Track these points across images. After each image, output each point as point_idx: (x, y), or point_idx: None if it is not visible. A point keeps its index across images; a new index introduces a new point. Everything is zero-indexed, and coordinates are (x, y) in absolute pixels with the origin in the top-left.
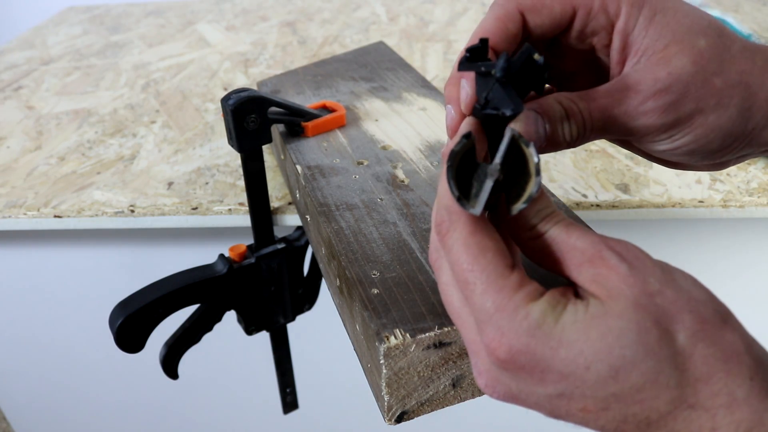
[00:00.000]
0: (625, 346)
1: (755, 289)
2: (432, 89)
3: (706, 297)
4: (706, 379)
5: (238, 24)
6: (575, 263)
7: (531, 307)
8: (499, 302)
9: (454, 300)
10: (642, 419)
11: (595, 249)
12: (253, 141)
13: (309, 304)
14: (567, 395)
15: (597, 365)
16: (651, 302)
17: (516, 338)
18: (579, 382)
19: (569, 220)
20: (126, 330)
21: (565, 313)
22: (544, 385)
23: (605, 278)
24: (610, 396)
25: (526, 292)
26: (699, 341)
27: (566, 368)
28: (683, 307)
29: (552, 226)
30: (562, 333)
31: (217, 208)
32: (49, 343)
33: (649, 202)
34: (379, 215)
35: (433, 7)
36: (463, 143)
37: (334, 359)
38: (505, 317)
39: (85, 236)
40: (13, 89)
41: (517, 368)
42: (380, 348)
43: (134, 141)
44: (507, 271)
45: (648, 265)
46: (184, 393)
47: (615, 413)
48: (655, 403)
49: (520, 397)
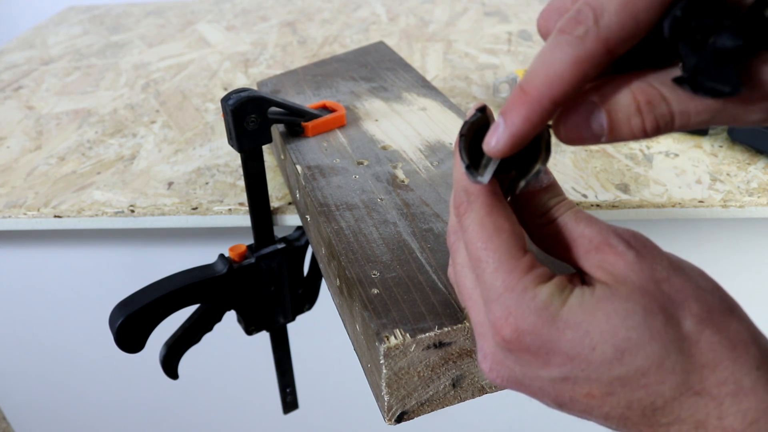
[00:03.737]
0: (630, 327)
1: (755, 289)
2: (432, 89)
3: (713, 287)
4: (712, 366)
5: (238, 24)
6: (583, 250)
7: (539, 289)
8: (508, 282)
9: (467, 281)
10: (647, 404)
11: (603, 236)
12: (253, 141)
13: (309, 304)
14: (572, 379)
15: (602, 346)
16: (657, 288)
17: (522, 318)
18: (584, 364)
19: (578, 209)
20: (126, 330)
21: (572, 296)
22: (549, 368)
23: (612, 265)
24: (615, 380)
25: (535, 275)
26: (706, 328)
27: (572, 350)
28: (690, 294)
29: (562, 214)
30: (569, 314)
31: (217, 208)
32: (49, 343)
33: (649, 202)
34: (379, 215)
35: (433, 7)
36: (478, 116)
37: (334, 359)
38: (514, 297)
39: (85, 236)
40: (13, 89)
41: (521, 349)
42: (380, 348)
43: (134, 141)
44: (519, 253)
45: (656, 254)
46: (184, 393)
47: (620, 398)
48: (661, 388)
49: (524, 382)
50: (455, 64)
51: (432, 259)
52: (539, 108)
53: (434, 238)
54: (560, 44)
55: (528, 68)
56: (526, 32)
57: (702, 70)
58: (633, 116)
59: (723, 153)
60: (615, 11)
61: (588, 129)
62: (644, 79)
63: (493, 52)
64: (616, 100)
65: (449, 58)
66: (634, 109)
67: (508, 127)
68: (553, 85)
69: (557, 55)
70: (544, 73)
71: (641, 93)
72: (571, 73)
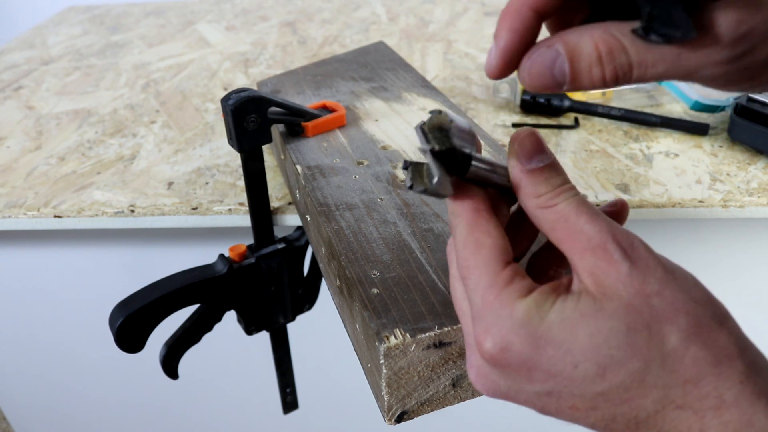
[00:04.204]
0: (613, 346)
1: (755, 289)
2: (432, 89)
3: (704, 298)
4: (695, 381)
5: (238, 24)
6: (579, 248)
7: (518, 304)
8: (487, 298)
9: (458, 293)
10: (630, 418)
11: (601, 239)
12: (253, 141)
13: (309, 304)
14: (556, 393)
15: (584, 364)
16: (646, 303)
17: (500, 335)
18: (567, 380)
19: (582, 199)
20: (126, 330)
21: (552, 311)
22: (532, 383)
23: (604, 273)
24: (598, 395)
25: (515, 288)
26: (692, 344)
27: (554, 367)
28: (680, 308)
29: (563, 201)
30: (549, 332)
31: (217, 208)
32: (49, 343)
33: (649, 202)
34: (379, 215)
35: (433, 7)
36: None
37: (334, 359)
38: (492, 313)
39: (85, 236)
40: (13, 89)
41: (503, 365)
42: (380, 348)
43: (134, 141)
44: (499, 267)
45: (651, 265)
46: (184, 393)
47: (604, 412)
48: (643, 402)
49: (509, 394)
50: (455, 64)
51: (432, 259)
52: (520, 17)
53: (434, 238)
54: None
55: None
56: None
57: (656, 17)
58: (594, 65)
59: (723, 153)
60: None
61: (551, 76)
62: (606, 29)
63: None
64: (578, 48)
65: (449, 58)
66: (596, 58)
67: (498, 43)
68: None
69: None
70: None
71: (603, 42)
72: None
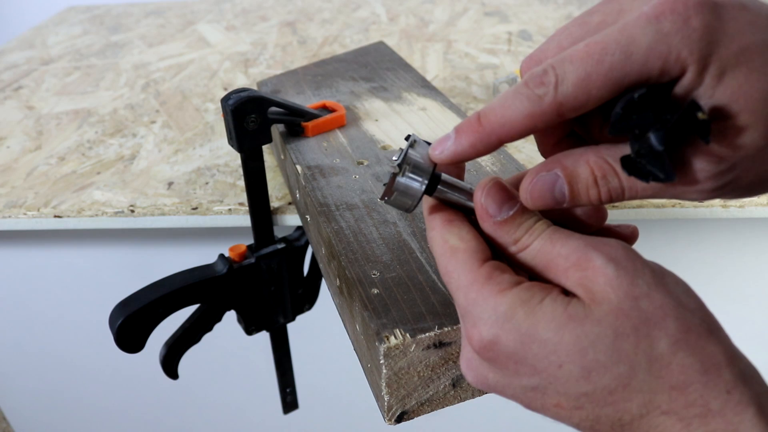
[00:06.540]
0: (599, 351)
1: (755, 289)
2: (432, 89)
3: (695, 305)
4: (682, 388)
5: (238, 24)
6: (561, 269)
7: (499, 298)
8: (469, 295)
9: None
10: (615, 420)
11: (579, 253)
12: (253, 141)
13: (309, 304)
14: (541, 389)
15: (569, 366)
16: (635, 306)
17: (486, 329)
18: (552, 378)
19: (554, 228)
20: (126, 330)
21: (540, 308)
22: (519, 377)
23: (591, 280)
24: (582, 395)
25: (495, 282)
26: (680, 350)
27: (539, 363)
28: (670, 312)
29: (536, 237)
30: (535, 329)
31: (217, 208)
32: (49, 343)
33: (649, 202)
34: (379, 215)
35: (433, 7)
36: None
37: (334, 359)
38: (476, 308)
39: (85, 236)
40: (13, 89)
41: (490, 359)
42: (380, 348)
43: (134, 141)
44: (476, 265)
45: (638, 266)
46: (184, 393)
47: (588, 412)
48: (628, 405)
49: (497, 387)
50: (455, 64)
51: (432, 259)
52: (486, 141)
53: None
54: (521, 95)
55: (491, 102)
56: (526, 32)
57: (643, 156)
58: (591, 187)
59: None
60: (573, 83)
61: (552, 198)
62: (600, 154)
63: (493, 52)
64: (576, 172)
65: (449, 58)
66: (592, 181)
67: (455, 145)
68: (505, 128)
69: (516, 104)
70: (501, 114)
71: (598, 168)
72: (523, 123)
